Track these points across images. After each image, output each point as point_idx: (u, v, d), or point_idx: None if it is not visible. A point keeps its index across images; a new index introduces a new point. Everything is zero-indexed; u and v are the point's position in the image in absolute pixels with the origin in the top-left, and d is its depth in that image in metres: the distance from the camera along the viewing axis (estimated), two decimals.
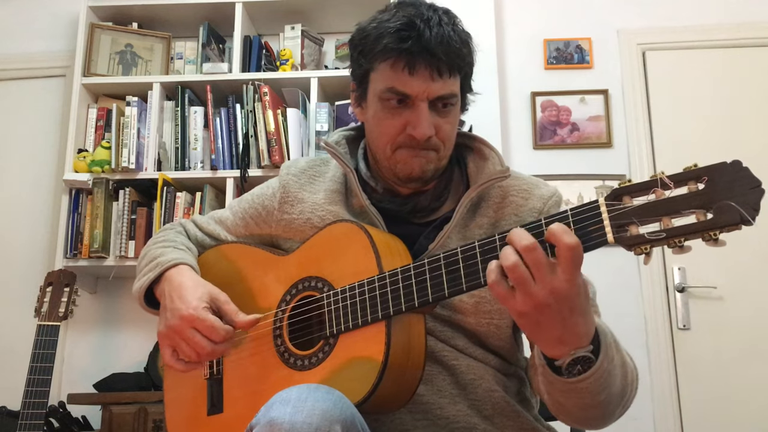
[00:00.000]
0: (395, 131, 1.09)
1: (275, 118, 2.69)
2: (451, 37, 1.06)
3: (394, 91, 1.08)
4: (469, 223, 1.14)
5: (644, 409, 2.70)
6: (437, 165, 1.12)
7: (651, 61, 3.06)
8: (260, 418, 0.84)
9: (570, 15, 3.12)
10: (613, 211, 0.80)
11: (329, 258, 1.07)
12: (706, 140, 2.95)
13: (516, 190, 1.17)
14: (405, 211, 1.15)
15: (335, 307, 1.01)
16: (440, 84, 1.07)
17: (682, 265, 2.82)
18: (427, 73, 1.05)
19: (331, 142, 1.20)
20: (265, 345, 1.09)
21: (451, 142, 1.14)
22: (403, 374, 0.97)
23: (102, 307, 2.91)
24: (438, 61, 1.05)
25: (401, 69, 1.06)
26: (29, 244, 2.99)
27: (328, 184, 1.21)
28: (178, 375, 1.19)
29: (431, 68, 1.05)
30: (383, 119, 1.11)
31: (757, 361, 2.72)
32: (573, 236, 0.80)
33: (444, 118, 1.10)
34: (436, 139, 1.09)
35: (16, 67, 3.18)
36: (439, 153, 1.11)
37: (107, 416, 2.37)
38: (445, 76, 1.07)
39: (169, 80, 2.88)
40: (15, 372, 2.38)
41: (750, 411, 2.68)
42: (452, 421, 1.05)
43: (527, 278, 0.80)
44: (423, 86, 1.06)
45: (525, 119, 3.01)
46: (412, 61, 1.05)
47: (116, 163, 2.74)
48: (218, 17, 2.95)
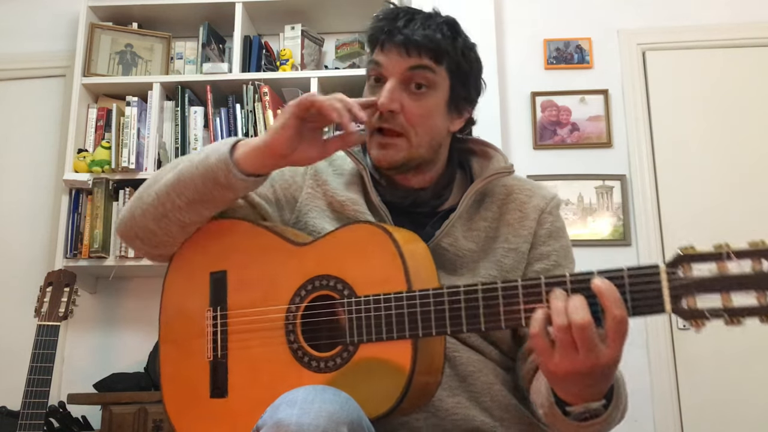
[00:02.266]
0: (371, 111, 1.10)
1: (275, 118, 2.69)
2: (429, 25, 1.11)
3: (371, 62, 1.13)
4: (473, 216, 1.17)
5: (644, 410, 2.70)
6: (409, 154, 1.11)
7: (651, 61, 3.06)
8: (267, 420, 0.84)
9: (570, 15, 3.12)
10: (674, 280, 0.78)
11: (351, 260, 1.02)
12: (706, 140, 2.95)
13: (519, 189, 1.19)
14: (405, 204, 1.16)
15: (358, 316, 0.98)
16: (410, 60, 1.09)
17: None
18: (395, 49, 1.09)
19: None
20: (277, 338, 1.06)
21: (424, 129, 1.11)
22: (424, 389, 0.97)
23: (102, 307, 2.91)
24: (407, 40, 1.08)
25: (377, 46, 1.12)
26: (29, 244, 2.99)
27: (347, 178, 1.21)
28: (178, 351, 1.15)
29: (400, 45, 1.09)
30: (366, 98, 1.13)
31: (757, 361, 2.72)
32: (623, 309, 0.79)
33: (415, 100, 1.10)
34: (402, 119, 1.09)
35: (16, 67, 3.18)
36: (409, 140, 1.10)
37: (107, 416, 2.37)
38: (415, 56, 1.09)
39: (169, 80, 2.88)
40: (15, 372, 2.38)
41: (750, 411, 2.68)
42: (451, 412, 1.05)
43: (573, 345, 0.80)
44: (392, 59, 1.09)
45: (525, 119, 3.01)
46: (384, 38, 1.10)
47: (116, 163, 2.74)
48: (218, 17, 2.95)
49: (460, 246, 1.13)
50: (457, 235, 1.13)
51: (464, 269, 1.12)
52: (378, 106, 1.08)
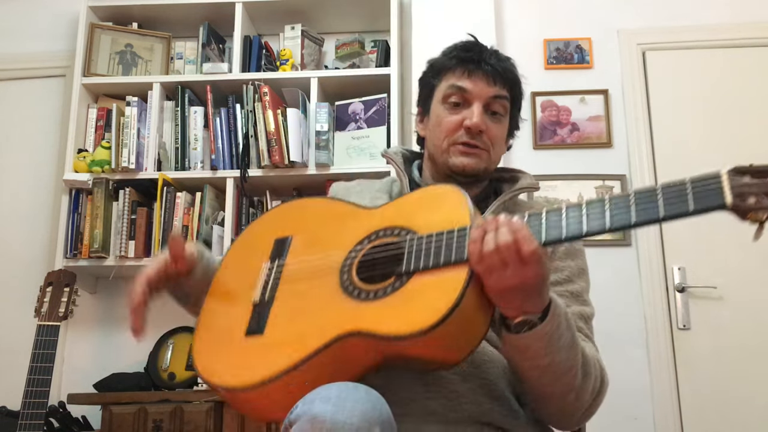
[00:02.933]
0: (453, 126, 1.27)
1: (275, 118, 2.69)
2: (505, 59, 1.31)
3: (455, 87, 1.28)
4: None
5: (644, 409, 2.70)
6: (487, 165, 1.29)
7: (651, 61, 3.06)
8: (301, 414, 0.88)
9: (570, 15, 3.12)
10: (734, 179, 0.90)
11: (419, 211, 1.08)
12: (706, 140, 2.95)
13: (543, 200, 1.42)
14: None
15: (417, 249, 1.02)
16: (495, 88, 1.27)
17: (682, 265, 2.82)
18: (483, 78, 1.27)
19: (390, 152, 1.38)
20: (329, 280, 1.07)
21: (499, 147, 1.31)
22: (471, 322, 0.97)
23: (102, 307, 2.91)
24: (494, 71, 1.27)
25: (462, 73, 1.28)
26: (29, 244, 2.99)
27: (375, 193, 1.34)
28: (222, 301, 1.18)
29: (487, 75, 1.27)
30: (444, 117, 1.29)
31: (757, 361, 2.72)
32: (534, 243, 0.93)
33: (494, 123, 1.28)
34: (486, 138, 1.27)
35: (16, 67, 3.18)
36: (489, 153, 1.28)
37: (107, 416, 2.37)
38: (499, 85, 1.28)
39: (169, 80, 2.88)
40: (15, 372, 2.38)
41: (750, 411, 2.68)
42: (461, 395, 1.10)
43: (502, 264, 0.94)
44: (479, 86, 1.27)
45: (525, 119, 3.01)
46: (472, 67, 1.27)
47: (116, 163, 2.74)
48: (218, 17, 2.95)
49: None
50: None
51: None
52: (471, 126, 1.25)
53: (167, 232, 2.67)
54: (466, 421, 1.10)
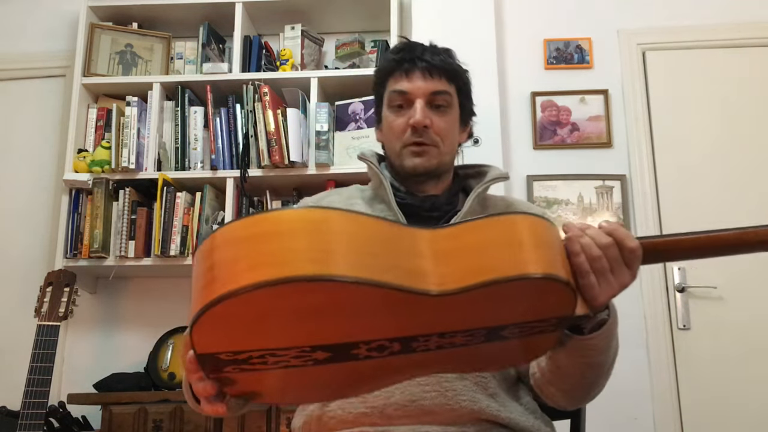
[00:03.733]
0: (401, 128, 1.29)
1: (275, 118, 2.69)
2: (439, 51, 1.32)
3: (395, 92, 1.31)
4: None
5: (644, 409, 2.70)
6: (440, 160, 1.30)
7: (651, 61, 3.06)
8: None
9: (570, 15, 3.12)
10: None
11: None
12: (706, 140, 2.95)
13: (519, 204, 1.41)
14: (425, 209, 1.29)
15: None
16: (433, 83, 1.29)
17: (682, 265, 2.82)
18: (420, 74, 1.29)
19: (367, 154, 1.37)
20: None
21: (450, 141, 1.31)
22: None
23: (102, 307, 2.91)
24: (429, 66, 1.29)
25: (399, 76, 1.31)
26: (29, 244, 2.99)
27: (345, 202, 1.34)
28: None
29: (423, 72, 1.29)
30: (391, 121, 1.31)
31: (757, 361, 2.72)
32: (635, 240, 0.87)
33: (440, 116, 1.29)
34: (432, 133, 1.28)
35: (16, 67, 3.18)
36: (439, 149, 1.29)
37: (107, 416, 2.37)
38: (436, 77, 1.29)
39: (169, 80, 2.88)
40: (15, 372, 2.38)
41: (750, 411, 2.68)
42: (459, 393, 1.11)
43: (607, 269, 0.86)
44: (417, 84, 1.29)
45: (525, 119, 3.01)
46: (408, 67, 1.30)
47: (116, 163, 2.74)
48: (218, 17, 2.95)
49: None
50: None
51: None
52: (414, 123, 1.26)
53: (167, 232, 2.67)
54: (465, 419, 1.10)
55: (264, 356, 0.76)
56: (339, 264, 0.68)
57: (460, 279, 0.75)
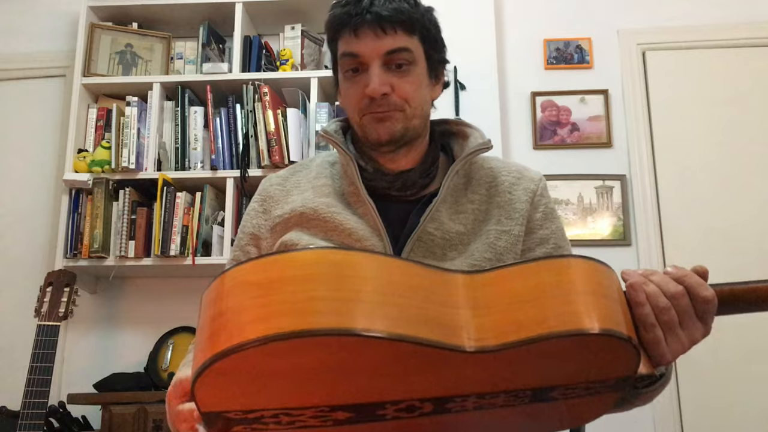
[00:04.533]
0: (357, 97, 1.11)
1: (275, 118, 2.69)
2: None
3: (345, 55, 1.11)
4: (460, 199, 1.16)
5: (644, 410, 2.69)
6: (406, 124, 1.11)
7: (651, 61, 3.06)
8: None
9: (570, 15, 3.12)
10: None
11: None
12: (706, 140, 2.95)
13: (506, 171, 1.21)
14: (396, 188, 1.14)
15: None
16: (388, 40, 1.08)
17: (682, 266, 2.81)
18: (370, 31, 1.08)
19: (330, 131, 1.19)
20: None
21: (418, 102, 1.12)
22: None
23: (102, 307, 2.91)
24: (379, 18, 1.07)
25: (348, 35, 1.10)
26: (29, 244, 2.99)
27: (313, 182, 1.20)
28: None
29: (374, 26, 1.07)
30: (347, 90, 1.13)
31: (757, 361, 2.72)
32: (710, 289, 0.78)
33: (401, 77, 1.10)
34: (395, 97, 1.09)
35: (16, 67, 3.18)
36: (405, 112, 1.11)
37: (107, 416, 2.37)
38: (391, 32, 1.08)
39: (169, 80, 2.88)
40: (15, 372, 2.38)
41: (750, 411, 2.68)
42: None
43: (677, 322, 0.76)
44: (369, 45, 1.08)
45: (525, 119, 3.01)
46: (355, 23, 1.08)
47: (116, 163, 2.74)
48: (218, 17, 2.95)
49: (446, 229, 1.11)
50: (442, 219, 1.11)
51: (454, 251, 1.10)
52: (369, 94, 1.08)
53: (167, 232, 2.67)
54: None
55: (278, 416, 0.67)
56: (364, 316, 0.60)
57: (501, 334, 0.66)
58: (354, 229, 1.10)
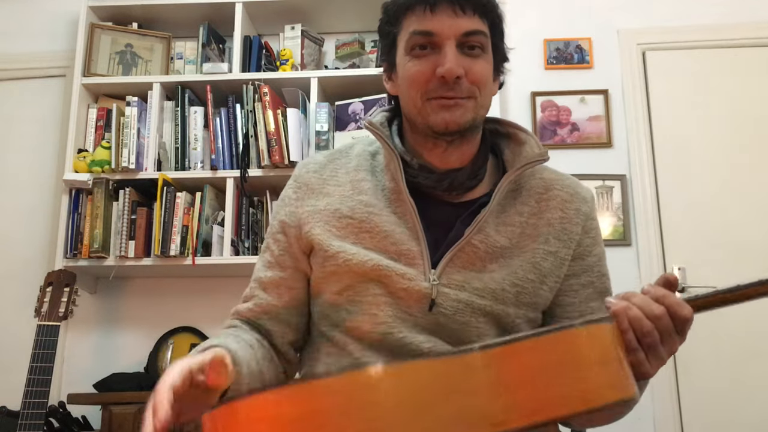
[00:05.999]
0: (424, 77, 1.04)
1: (275, 118, 2.69)
2: None
3: (417, 32, 1.05)
4: (507, 209, 1.09)
5: (644, 409, 2.70)
6: (475, 114, 1.06)
7: (651, 61, 3.06)
8: None
9: (570, 15, 3.12)
10: None
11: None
12: (706, 140, 2.95)
13: (560, 185, 1.13)
14: (441, 188, 1.08)
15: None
16: (465, 20, 1.04)
17: (682, 265, 2.82)
18: (449, 9, 1.03)
19: (376, 123, 1.12)
20: None
21: (487, 90, 1.07)
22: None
23: (102, 307, 2.91)
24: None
25: (423, 12, 1.04)
26: (29, 244, 2.99)
27: (352, 174, 1.13)
28: None
29: (453, 5, 1.03)
30: (411, 69, 1.06)
31: (757, 361, 2.72)
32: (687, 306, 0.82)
33: (476, 63, 1.05)
34: (467, 83, 1.03)
35: (16, 67, 3.18)
36: (476, 100, 1.05)
37: (107, 416, 2.37)
38: (469, 13, 1.04)
39: (169, 80, 2.88)
40: (15, 372, 2.38)
41: (750, 411, 2.68)
42: None
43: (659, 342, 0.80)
44: (447, 22, 1.03)
45: (525, 119, 3.01)
46: (433, 0, 1.03)
47: (116, 163, 2.74)
48: (218, 17, 2.95)
49: (491, 243, 1.05)
50: (489, 231, 1.06)
51: (494, 264, 1.05)
52: (445, 74, 1.01)
53: (167, 232, 2.67)
54: None
55: None
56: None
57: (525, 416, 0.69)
58: (390, 232, 1.06)
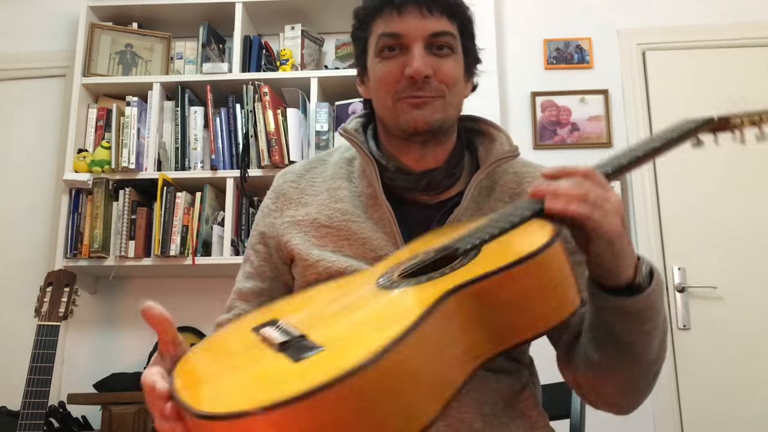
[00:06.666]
0: (393, 78, 1.06)
1: (275, 118, 2.69)
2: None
3: (386, 34, 1.07)
4: (482, 206, 1.10)
5: (644, 409, 2.70)
6: (444, 114, 1.07)
7: (651, 61, 3.06)
8: None
9: (570, 15, 3.12)
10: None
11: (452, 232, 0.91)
12: (706, 140, 2.95)
13: (531, 176, 1.14)
14: (419, 189, 1.09)
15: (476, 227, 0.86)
16: (432, 21, 1.05)
17: (682, 265, 2.82)
18: (416, 10, 1.05)
19: (350, 130, 1.14)
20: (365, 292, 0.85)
21: (457, 89, 1.08)
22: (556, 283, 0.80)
23: (102, 307, 2.91)
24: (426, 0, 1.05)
25: (390, 15, 1.06)
26: (29, 244, 2.99)
27: (329, 183, 1.15)
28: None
29: (420, 7, 1.05)
30: (381, 71, 1.08)
31: (757, 361, 2.72)
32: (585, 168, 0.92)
33: (444, 62, 1.06)
34: (436, 82, 1.05)
35: (16, 67, 3.18)
36: (444, 99, 1.06)
37: (107, 416, 2.37)
38: (436, 14, 1.05)
39: (169, 80, 2.88)
40: (15, 372, 2.38)
41: (750, 411, 2.68)
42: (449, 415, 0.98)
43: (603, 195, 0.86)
44: (414, 24, 1.05)
45: (525, 119, 3.01)
46: (399, 2, 1.05)
47: (116, 163, 2.74)
48: (218, 17, 2.95)
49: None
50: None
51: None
52: (412, 74, 1.03)
53: (167, 232, 2.67)
54: None
55: None
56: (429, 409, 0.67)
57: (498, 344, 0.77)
58: (368, 238, 1.06)
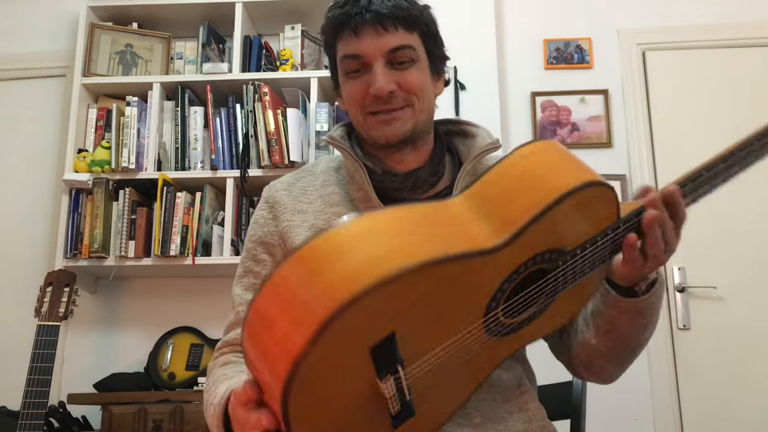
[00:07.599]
0: (360, 95, 1.11)
1: (275, 118, 2.69)
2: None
3: (347, 56, 1.11)
4: None
5: (644, 409, 2.70)
6: (415, 121, 1.11)
7: (651, 61, 3.06)
8: None
9: (570, 15, 3.12)
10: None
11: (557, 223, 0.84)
12: (706, 140, 2.95)
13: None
14: (407, 188, 1.13)
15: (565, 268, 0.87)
16: (388, 37, 1.08)
17: (682, 265, 2.82)
18: (371, 30, 1.08)
19: (336, 137, 1.18)
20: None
21: (425, 94, 1.12)
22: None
23: (102, 307, 2.91)
24: (379, 16, 1.07)
25: (348, 36, 1.10)
26: (29, 244, 2.99)
27: (321, 190, 1.18)
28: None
29: (374, 24, 1.07)
30: (349, 90, 1.13)
31: (757, 361, 2.72)
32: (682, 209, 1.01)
33: (407, 74, 1.10)
34: (403, 92, 1.09)
35: (16, 67, 3.18)
36: (413, 108, 1.11)
37: (107, 416, 2.37)
38: (391, 29, 1.08)
39: (169, 80, 2.88)
40: (15, 372, 2.38)
41: (750, 411, 2.68)
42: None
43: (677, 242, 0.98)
44: (371, 43, 1.08)
45: (525, 119, 3.01)
46: (355, 24, 1.08)
47: (116, 163, 2.74)
48: (218, 17, 2.95)
49: None
50: None
51: None
52: (376, 93, 1.08)
53: (167, 232, 2.67)
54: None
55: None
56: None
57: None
58: None
